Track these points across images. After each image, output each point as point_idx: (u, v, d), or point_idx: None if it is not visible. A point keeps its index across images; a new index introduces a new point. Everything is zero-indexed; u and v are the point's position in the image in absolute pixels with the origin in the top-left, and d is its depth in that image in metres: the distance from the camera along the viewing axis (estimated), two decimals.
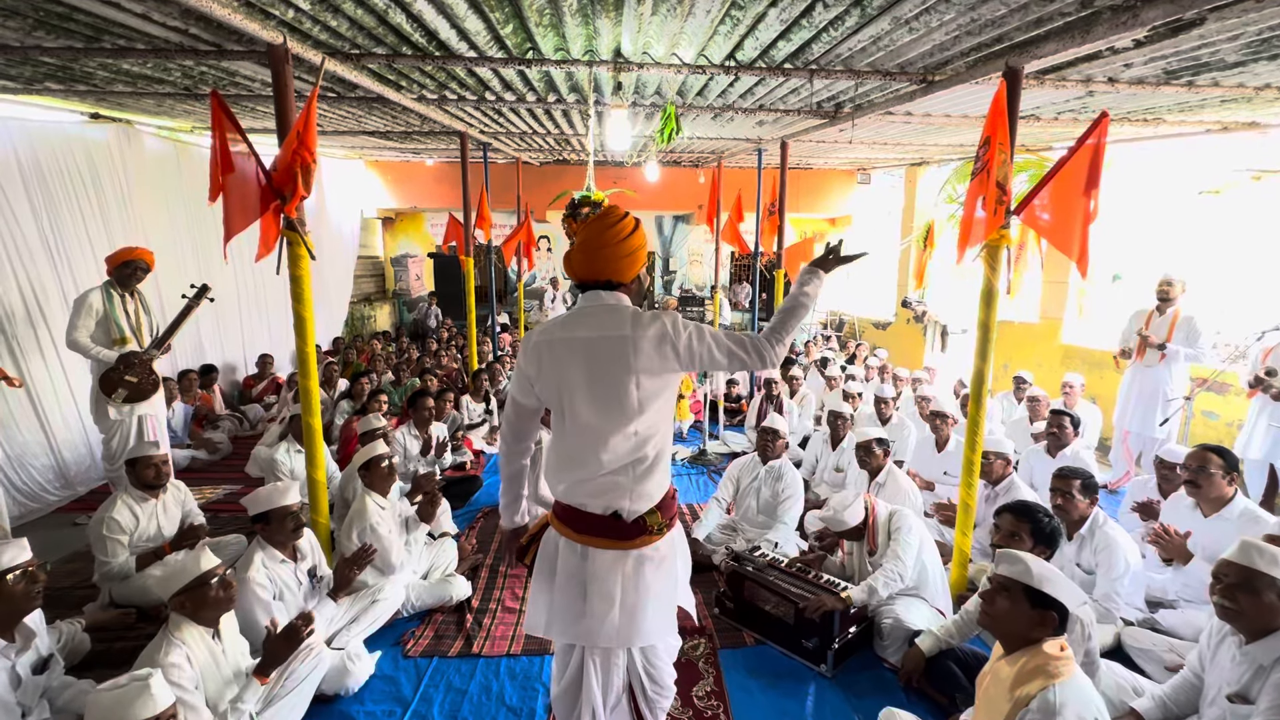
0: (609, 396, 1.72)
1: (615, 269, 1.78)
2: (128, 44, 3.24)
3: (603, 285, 1.79)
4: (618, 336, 1.71)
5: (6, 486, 4.17)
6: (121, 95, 4.64)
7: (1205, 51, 3.02)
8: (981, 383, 3.11)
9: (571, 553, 1.81)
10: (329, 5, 2.66)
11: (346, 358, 8.00)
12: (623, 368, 1.71)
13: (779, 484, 3.78)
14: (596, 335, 1.73)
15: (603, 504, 1.77)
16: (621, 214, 1.81)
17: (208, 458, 5.53)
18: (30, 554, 2.17)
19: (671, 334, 1.72)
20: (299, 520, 2.78)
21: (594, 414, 1.73)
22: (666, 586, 1.85)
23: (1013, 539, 2.38)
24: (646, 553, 1.81)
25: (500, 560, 3.78)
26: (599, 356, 1.72)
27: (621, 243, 1.78)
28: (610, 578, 1.77)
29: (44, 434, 4.53)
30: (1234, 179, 8.12)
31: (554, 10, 2.83)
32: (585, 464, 1.75)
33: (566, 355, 1.74)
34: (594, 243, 1.78)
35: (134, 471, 3.25)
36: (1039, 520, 2.40)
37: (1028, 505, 2.48)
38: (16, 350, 4.38)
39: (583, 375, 1.73)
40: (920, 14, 2.61)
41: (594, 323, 1.75)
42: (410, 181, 11.11)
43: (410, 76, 4.17)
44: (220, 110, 2.73)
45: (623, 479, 1.76)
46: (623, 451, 1.74)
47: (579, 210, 3.56)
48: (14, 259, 4.40)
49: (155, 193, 5.80)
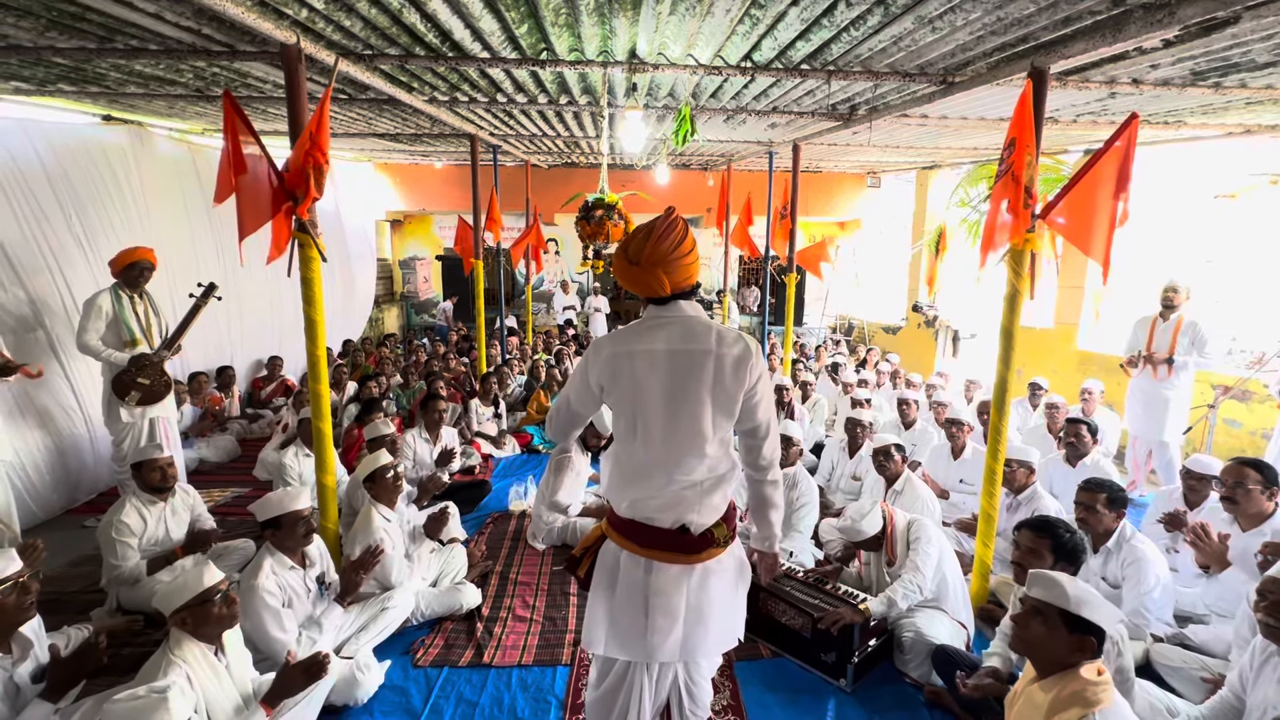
0: (687, 413, 1.68)
1: (684, 277, 1.72)
2: (140, 44, 3.22)
3: (676, 295, 1.73)
4: (701, 351, 1.68)
5: (16, 489, 4.15)
6: (134, 97, 4.63)
7: (1237, 51, 2.95)
8: (1005, 390, 3.03)
9: (635, 566, 1.78)
10: (343, 4, 2.63)
11: (355, 360, 7.99)
12: (703, 384, 1.67)
13: (793, 492, 3.71)
14: (679, 349, 1.69)
15: (672, 518, 1.74)
16: (674, 221, 1.72)
17: (215, 460, 5.50)
18: (19, 565, 2.10)
19: (753, 358, 1.71)
20: (310, 525, 2.73)
21: (671, 430, 1.69)
22: (731, 597, 1.84)
23: (1033, 555, 2.30)
24: (712, 565, 1.78)
25: (510, 567, 3.73)
26: (679, 371, 1.68)
27: (683, 243, 1.71)
28: (676, 592, 1.74)
29: (51, 436, 4.50)
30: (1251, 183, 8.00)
31: (570, 9, 2.79)
32: (656, 480, 1.72)
33: (647, 368, 1.69)
34: (657, 257, 1.68)
35: (140, 475, 3.22)
36: (1059, 536, 2.31)
37: (1047, 520, 2.39)
38: (59, 348, 4.35)
39: (660, 390, 1.69)
40: (945, 13, 2.55)
41: (675, 334, 1.70)
42: (419, 184, 11.11)
43: (422, 78, 4.14)
44: (233, 110, 2.70)
45: (690, 493, 1.73)
46: (695, 469, 1.71)
47: (592, 213, 3.52)
48: (50, 260, 4.38)
49: (170, 195, 5.79)
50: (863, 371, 7.43)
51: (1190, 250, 8.46)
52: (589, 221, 3.50)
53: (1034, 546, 2.32)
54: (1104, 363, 6.54)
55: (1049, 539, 2.34)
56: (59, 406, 4.45)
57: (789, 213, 6.38)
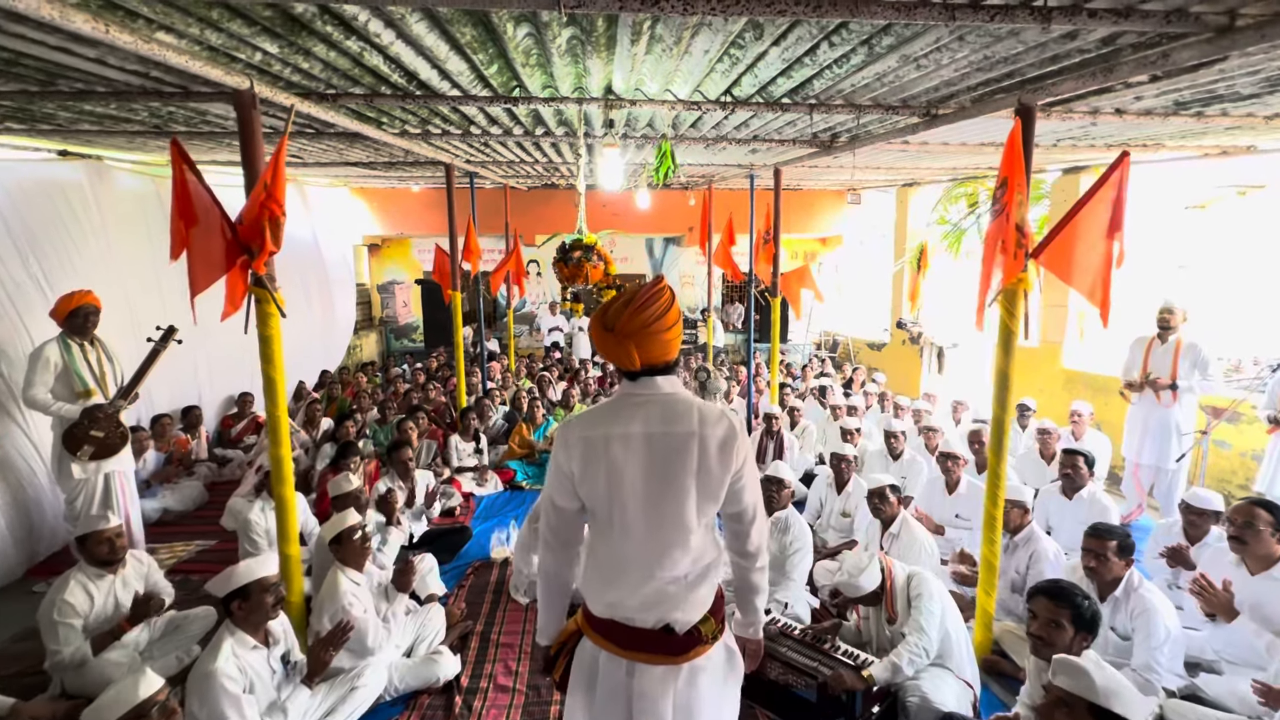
0: (670, 502, 1.53)
1: (660, 354, 1.57)
2: (86, 87, 3.04)
3: (651, 370, 1.58)
4: (684, 433, 1.52)
5: None
6: (89, 134, 4.43)
7: (1222, 84, 2.91)
8: (1003, 433, 2.93)
9: (615, 668, 1.61)
10: (298, 48, 2.48)
11: (331, 393, 7.73)
12: (687, 470, 1.52)
13: (785, 537, 3.57)
14: (659, 431, 1.53)
15: (655, 617, 1.58)
16: (659, 290, 1.57)
17: (179, 509, 5.23)
18: None
19: (738, 439, 1.55)
20: (280, 594, 2.53)
21: (652, 522, 1.54)
22: (721, 694, 1.69)
23: (1052, 627, 2.14)
24: (700, 663, 1.63)
25: (492, 626, 3.53)
26: (660, 456, 1.52)
27: (666, 324, 1.55)
28: (662, 696, 1.58)
29: (11, 489, 4.20)
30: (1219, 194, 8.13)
31: (541, 51, 2.66)
32: (636, 577, 1.56)
33: (623, 454, 1.52)
34: (633, 328, 1.53)
35: (85, 548, 2.97)
36: (1078, 604, 2.17)
37: (1063, 588, 2.23)
38: (19, 396, 4.08)
39: (640, 477, 1.53)
40: (930, 52, 2.47)
41: (654, 416, 1.54)
42: (396, 208, 10.92)
43: (391, 114, 3.99)
44: (180, 158, 2.53)
45: (674, 589, 1.57)
46: (680, 562, 1.56)
47: (570, 254, 3.38)
48: (6, 304, 4.15)
49: (134, 231, 5.54)
50: (851, 394, 7.34)
51: (1163, 259, 8.54)
52: (567, 263, 3.36)
53: (1053, 616, 2.15)
54: (1090, 382, 6.52)
55: (1068, 609, 2.18)
56: (19, 457, 4.19)
57: (772, 236, 6.30)
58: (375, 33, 2.29)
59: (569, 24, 2.27)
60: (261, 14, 2.08)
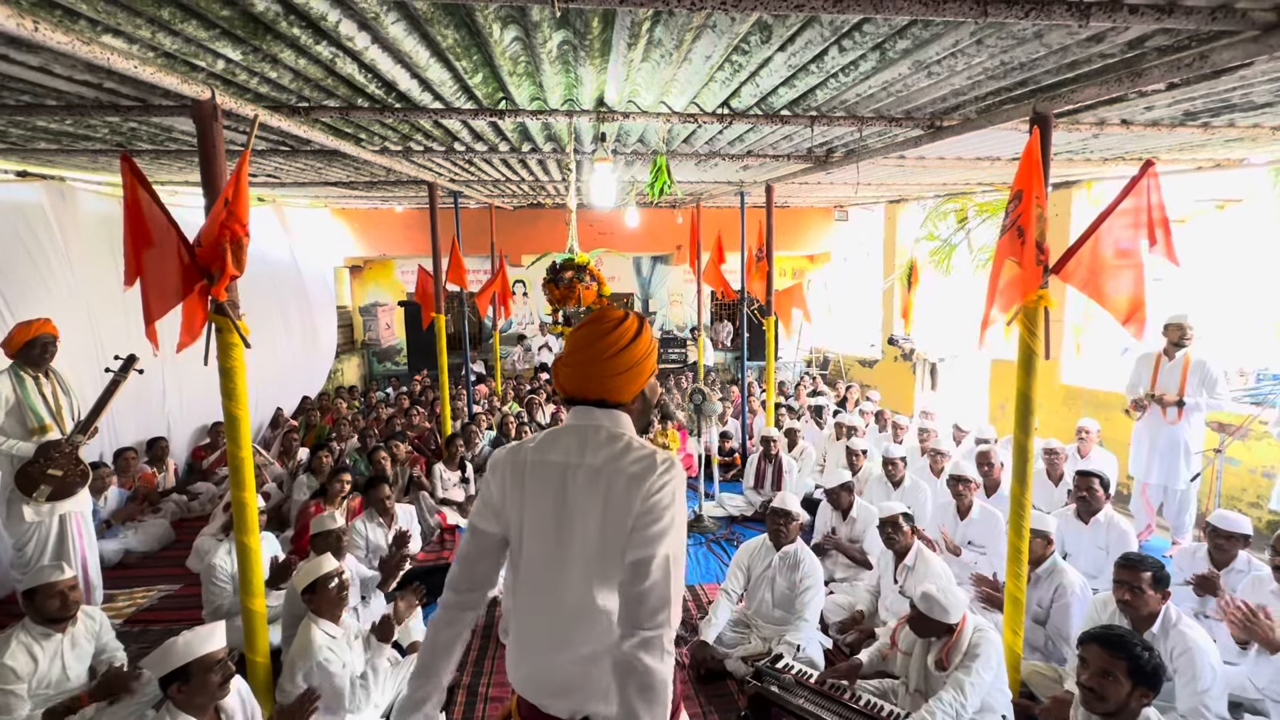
0: (584, 549, 1.27)
1: (609, 387, 1.34)
2: (35, 100, 2.81)
3: (594, 403, 1.36)
4: (591, 467, 1.27)
5: None
6: (47, 153, 4.18)
7: (1238, 93, 2.81)
8: (1026, 459, 2.75)
9: None
10: (264, 55, 2.28)
11: (309, 420, 7.41)
12: (600, 509, 1.26)
13: (795, 573, 3.35)
14: (576, 462, 1.29)
15: (568, 708, 1.28)
16: (619, 318, 1.35)
17: (143, 549, 4.88)
18: None
19: (653, 476, 1.23)
20: (228, 670, 2.22)
21: (562, 570, 1.28)
22: None
23: (1105, 679, 1.90)
24: None
25: (479, 677, 3.26)
26: (572, 491, 1.28)
27: (617, 355, 1.33)
28: None
29: None
30: (1199, 208, 8.17)
31: (530, 58, 2.49)
32: (543, 643, 1.29)
33: (536, 486, 1.30)
34: (582, 355, 1.34)
35: (33, 603, 2.66)
36: (1137, 655, 1.90)
37: (1120, 636, 1.98)
38: None
39: (550, 515, 1.29)
40: (945, 58, 2.33)
41: (573, 445, 1.32)
42: (379, 229, 10.69)
43: (370, 129, 3.80)
44: (132, 176, 2.31)
45: (596, 670, 1.26)
46: (598, 628, 1.26)
47: (561, 275, 3.18)
48: None
49: (99, 254, 5.24)
50: (848, 414, 7.16)
51: (1146, 274, 8.56)
52: (558, 284, 3.17)
53: (1107, 667, 1.89)
54: (1091, 398, 6.42)
55: (1124, 660, 1.91)
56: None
57: (765, 254, 6.16)
58: (348, 36, 2.10)
59: (561, 26, 2.10)
60: (219, 13, 1.88)
